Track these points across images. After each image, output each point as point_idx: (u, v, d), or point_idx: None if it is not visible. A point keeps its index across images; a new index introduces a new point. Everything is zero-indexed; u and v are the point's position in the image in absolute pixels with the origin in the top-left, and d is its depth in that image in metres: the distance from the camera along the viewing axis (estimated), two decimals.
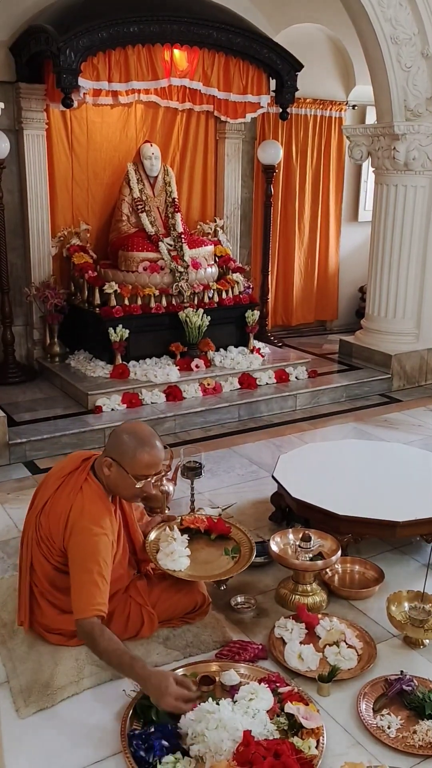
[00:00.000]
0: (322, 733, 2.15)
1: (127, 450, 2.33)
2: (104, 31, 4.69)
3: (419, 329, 6.13)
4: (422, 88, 5.61)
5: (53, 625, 2.51)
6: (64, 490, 2.41)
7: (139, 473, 2.35)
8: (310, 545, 2.85)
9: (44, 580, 2.48)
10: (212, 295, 5.65)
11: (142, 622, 2.57)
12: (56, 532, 2.37)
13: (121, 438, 2.36)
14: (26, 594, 2.50)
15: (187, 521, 2.94)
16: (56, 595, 2.48)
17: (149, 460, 2.35)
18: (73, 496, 2.35)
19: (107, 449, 2.39)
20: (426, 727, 2.21)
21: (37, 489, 2.56)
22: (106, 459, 2.36)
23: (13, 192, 5.52)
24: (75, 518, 2.32)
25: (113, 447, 2.36)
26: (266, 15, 6.27)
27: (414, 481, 3.45)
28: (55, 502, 2.40)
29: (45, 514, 2.42)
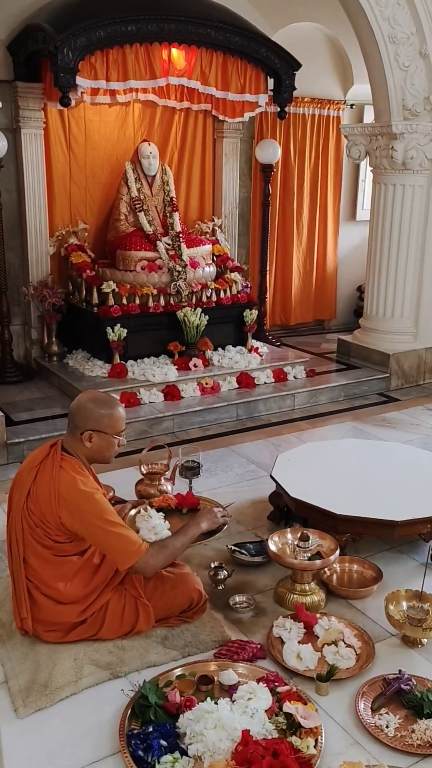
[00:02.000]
0: (321, 733, 2.15)
1: (103, 414, 2.50)
2: (102, 30, 4.69)
3: (417, 328, 6.14)
4: (420, 87, 5.62)
5: (51, 619, 2.51)
6: (43, 475, 2.47)
7: (118, 430, 2.56)
8: (308, 544, 2.85)
9: (40, 571, 2.49)
10: (210, 295, 5.65)
11: (137, 615, 2.57)
12: (48, 511, 2.43)
13: (89, 408, 2.50)
14: (24, 591, 2.50)
15: (156, 502, 3.05)
16: (53, 585, 2.49)
17: (121, 414, 2.58)
18: (56, 474, 2.44)
19: (80, 425, 2.50)
20: (424, 726, 2.21)
21: (12, 488, 2.59)
22: (86, 433, 2.49)
23: (11, 191, 5.52)
24: (67, 489, 2.42)
25: (86, 419, 2.49)
26: (264, 14, 6.27)
27: (412, 481, 3.45)
28: (39, 487, 2.46)
29: (32, 501, 2.47)
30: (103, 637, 2.55)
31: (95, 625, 2.54)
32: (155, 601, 2.61)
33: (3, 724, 2.25)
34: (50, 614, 2.50)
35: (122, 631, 2.56)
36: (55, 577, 2.49)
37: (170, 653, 2.55)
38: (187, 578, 2.72)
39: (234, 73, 5.48)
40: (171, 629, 2.65)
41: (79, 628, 2.53)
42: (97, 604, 2.54)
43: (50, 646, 2.53)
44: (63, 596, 2.49)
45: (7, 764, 2.11)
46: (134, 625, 2.58)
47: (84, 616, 2.53)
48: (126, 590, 2.59)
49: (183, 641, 2.60)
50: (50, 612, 2.50)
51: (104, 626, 2.54)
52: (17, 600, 2.53)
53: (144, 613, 2.58)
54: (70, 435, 2.53)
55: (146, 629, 2.60)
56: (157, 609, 2.61)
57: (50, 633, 2.53)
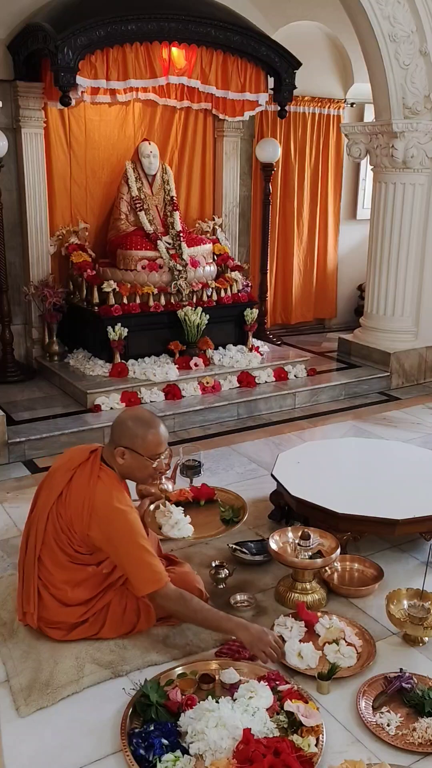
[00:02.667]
0: (322, 731, 2.15)
1: (138, 435, 2.44)
2: (102, 29, 4.69)
3: (418, 327, 6.14)
4: (420, 85, 5.61)
5: (55, 618, 2.52)
6: (79, 480, 2.45)
7: (153, 453, 2.48)
8: (309, 543, 2.85)
9: (53, 573, 2.50)
10: (211, 294, 5.65)
11: (138, 615, 2.58)
12: (78, 521, 2.42)
13: (127, 425, 2.46)
14: (34, 588, 2.51)
15: (173, 495, 3.04)
16: (62, 587, 2.50)
17: (159, 438, 2.48)
18: (93, 484, 2.42)
19: (115, 440, 2.48)
20: (425, 725, 2.22)
21: (42, 484, 2.59)
22: (119, 449, 2.45)
23: (12, 191, 5.52)
24: (102, 503, 2.39)
25: (122, 436, 2.46)
26: (264, 13, 6.26)
27: (413, 479, 3.45)
28: (73, 492, 2.45)
29: (63, 505, 2.46)
30: (105, 636, 2.56)
31: (97, 624, 2.55)
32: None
33: (4, 723, 2.26)
34: (54, 614, 2.52)
35: (123, 629, 2.57)
36: (65, 581, 2.50)
37: (171, 652, 2.55)
38: (187, 577, 2.73)
39: (234, 72, 5.47)
40: (172, 628, 2.66)
41: (80, 627, 2.54)
42: (99, 605, 2.55)
43: (51, 645, 2.53)
44: (69, 599, 2.50)
45: (9, 763, 2.11)
46: (135, 624, 2.58)
47: (86, 617, 2.54)
48: (128, 590, 2.59)
49: (184, 640, 2.61)
50: (55, 612, 2.52)
51: (106, 625, 2.55)
52: (25, 594, 2.54)
53: (145, 612, 2.59)
54: (107, 447, 2.53)
55: (146, 628, 2.60)
56: (158, 608, 2.61)
57: (53, 630, 2.54)
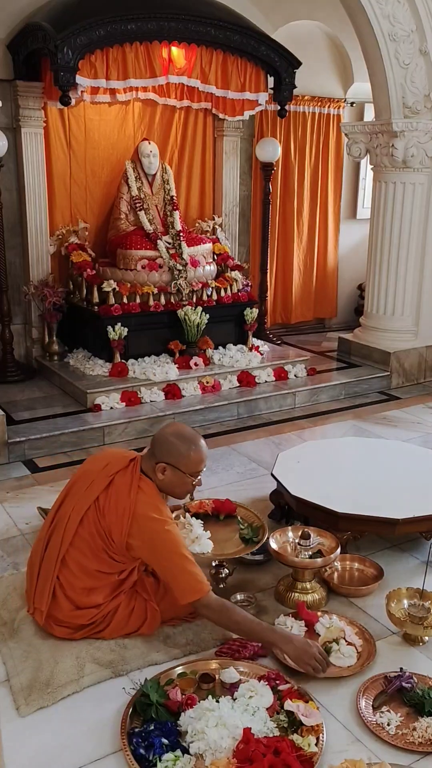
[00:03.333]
0: (322, 731, 2.15)
1: (181, 452, 2.47)
2: (102, 28, 4.68)
3: (418, 326, 6.14)
4: (420, 85, 5.61)
5: (64, 618, 2.53)
6: (119, 488, 2.46)
7: (194, 470, 2.52)
8: (309, 543, 2.85)
9: (78, 577, 2.49)
10: (211, 293, 5.65)
11: (144, 618, 2.58)
12: (117, 529, 2.43)
13: (170, 441, 2.49)
14: (50, 587, 2.49)
15: (193, 507, 3.04)
16: (80, 592, 2.50)
17: (201, 456, 2.52)
18: (134, 495, 2.43)
19: (158, 455, 2.49)
20: (425, 724, 2.21)
21: (74, 484, 2.57)
22: (160, 465, 2.48)
23: (11, 190, 5.52)
24: (143, 515, 2.41)
25: (165, 452, 2.48)
26: (264, 12, 6.26)
27: (413, 479, 3.45)
28: (112, 500, 2.45)
29: (101, 511, 2.45)
30: (107, 636, 2.56)
31: (102, 625, 2.56)
32: (165, 604, 2.62)
33: (5, 723, 2.26)
34: (66, 615, 2.52)
35: (126, 630, 2.57)
36: (83, 587, 2.51)
37: (172, 651, 2.55)
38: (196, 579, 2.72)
39: (234, 71, 5.47)
40: (173, 627, 2.66)
41: (87, 628, 2.55)
42: (109, 607, 2.55)
43: (52, 644, 2.53)
44: (84, 603, 2.51)
45: (9, 762, 2.11)
46: (139, 627, 2.58)
47: (95, 619, 2.54)
48: (137, 593, 2.60)
49: (184, 639, 2.61)
50: (67, 614, 2.52)
51: (110, 626, 2.55)
52: (39, 591, 2.53)
53: (152, 616, 2.59)
54: (149, 459, 2.52)
55: (149, 633, 2.60)
56: (165, 610, 2.62)
57: (61, 628, 2.55)
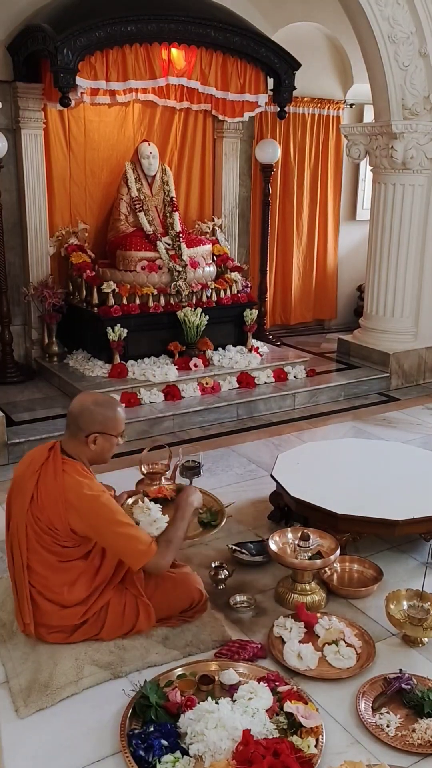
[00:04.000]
0: (322, 732, 2.15)
1: (108, 416, 2.50)
2: (102, 30, 4.69)
3: (417, 328, 6.14)
4: (420, 86, 5.62)
5: (54, 623, 2.51)
6: (46, 480, 2.45)
7: (121, 430, 2.56)
8: (308, 544, 2.85)
9: (45, 577, 2.48)
10: (210, 294, 5.65)
11: (137, 614, 2.57)
12: (56, 518, 2.42)
13: (94, 410, 2.49)
14: (27, 597, 2.49)
15: (152, 492, 3.02)
16: (59, 590, 2.48)
17: (123, 415, 2.58)
18: (60, 479, 2.43)
19: (85, 428, 2.47)
20: (425, 726, 2.21)
21: (11, 494, 2.56)
22: (91, 436, 2.48)
23: (11, 191, 5.52)
24: (74, 494, 2.41)
25: (91, 422, 2.47)
26: (264, 14, 6.26)
27: (413, 480, 3.45)
28: (43, 493, 2.44)
29: (37, 508, 2.44)
30: (105, 637, 2.56)
31: (97, 625, 2.55)
32: (156, 600, 2.62)
33: (4, 724, 2.25)
34: (54, 618, 2.50)
35: (123, 630, 2.57)
36: (60, 583, 2.49)
37: (171, 653, 2.55)
38: (187, 578, 2.74)
39: (234, 72, 5.48)
40: (172, 629, 2.66)
41: (81, 629, 2.53)
42: (98, 604, 2.54)
43: (51, 646, 2.53)
44: (67, 600, 2.49)
45: (8, 764, 2.11)
46: (135, 624, 2.58)
47: (86, 617, 2.53)
48: (126, 589, 2.59)
49: (184, 641, 2.61)
50: (54, 616, 2.50)
51: (105, 626, 2.55)
52: (20, 606, 2.52)
53: (144, 612, 2.58)
54: (71, 438, 2.51)
55: (147, 629, 2.60)
56: (158, 608, 2.61)
57: (54, 635, 2.53)
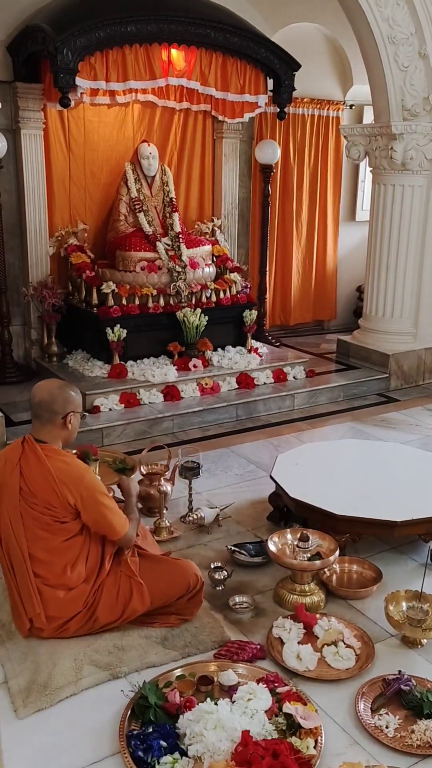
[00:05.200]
0: (321, 733, 2.15)
1: (73, 396, 2.66)
2: (101, 30, 4.69)
3: (416, 329, 6.14)
4: (419, 87, 5.62)
5: (57, 614, 2.53)
6: (30, 468, 2.53)
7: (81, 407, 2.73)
8: (308, 545, 2.85)
9: (49, 562, 2.52)
10: (210, 295, 5.65)
11: (131, 593, 2.59)
12: (52, 496, 2.51)
13: (61, 394, 2.62)
14: (33, 588, 2.51)
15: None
16: (63, 572, 2.53)
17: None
18: (45, 463, 2.52)
19: (60, 411, 2.59)
20: (424, 727, 2.22)
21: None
22: (67, 416, 2.61)
23: (11, 192, 5.52)
24: (63, 473, 2.53)
25: (64, 405, 2.61)
26: (264, 14, 6.27)
27: (412, 481, 3.45)
28: (31, 481, 2.52)
29: (30, 494, 2.52)
30: (102, 617, 2.56)
31: (93, 606, 2.57)
32: (152, 583, 2.63)
33: (3, 725, 2.25)
34: (57, 607, 2.53)
35: (117, 610, 2.58)
36: (63, 564, 2.54)
37: (170, 654, 2.55)
38: (183, 562, 2.79)
39: (233, 73, 5.48)
40: (171, 630, 2.66)
41: (78, 615, 2.55)
42: (97, 583, 2.58)
43: (50, 646, 2.53)
44: (71, 580, 2.54)
45: (7, 765, 2.11)
46: (128, 603, 2.59)
47: (87, 601, 2.55)
48: (121, 572, 2.64)
49: (183, 642, 2.61)
50: (57, 605, 2.52)
51: (99, 607, 2.56)
52: (24, 600, 2.53)
53: (138, 592, 2.60)
54: (46, 424, 2.60)
55: (141, 610, 2.61)
56: (154, 593, 2.63)
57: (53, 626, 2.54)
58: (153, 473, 3.61)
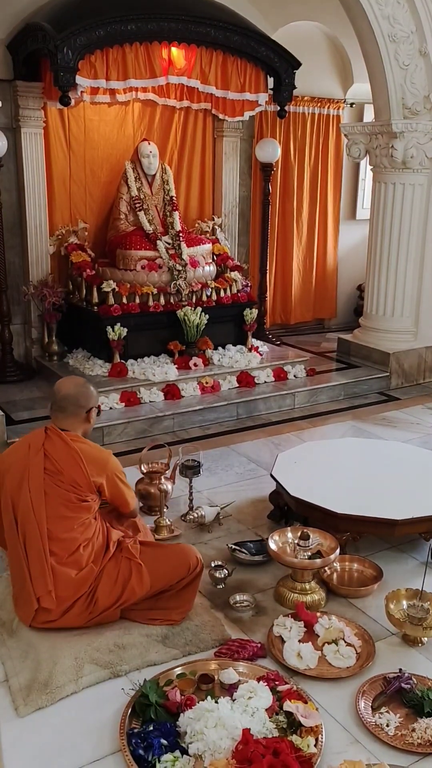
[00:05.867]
0: (321, 731, 2.15)
1: (93, 393, 2.85)
2: (102, 29, 4.68)
3: (417, 327, 6.14)
4: (420, 86, 5.61)
5: (70, 593, 2.57)
6: (57, 450, 2.67)
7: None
8: (308, 543, 2.85)
9: (68, 539, 2.60)
10: (210, 294, 5.65)
11: (130, 575, 2.64)
12: (79, 475, 2.65)
13: (84, 391, 2.80)
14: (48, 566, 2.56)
15: None
16: (75, 550, 2.60)
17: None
18: (70, 446, 2.67)
19: (84, 405, 2.77)
20: (424, 725, 2.22)
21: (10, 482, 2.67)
22: (91, 410, 2.80)
23: (11, 190, 5.52)
24: (92, 455, 2.71)
25: (87, 400, 2.79)
26: (264, 13, 6.26)
27: (412, 480, 3.45)
28: (58, 461, 2.65)
29: (56, 473, 2.64)
30: (102, 599, 2.59)
31: (93, 590, 2.60)
32: (153, 566, 2.67)
33: (3, 723, 2.25)
34: (67, 587, 2.57)
35: (116, 592, 2.61)
36: (78, 544, 2.62)
37: (171, 652, 2.55)
38: (183, 546, 2.85)
39: (234, 72, 5.47)
40: (171, 628, 2.67)
41: (82, 598, 2.58)
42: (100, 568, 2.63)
43: (51, 645, 2.53)
44: (83, 560, 2.61)
45: (8, 763, 2.11)
46: (126, 583, 2.62)
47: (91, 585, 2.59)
48: (122, 556, 2.69)
49: (183, 640, 2.61)
50: (67, 584, 2.57)
51: (99, 588, 2.60)
52: (35, 578, 2.57)
53: (137, 573, 2.65)
54: (69, 417, 2.74)
55: (140, 592, 2.63)
56: (155, 575, 2.66)
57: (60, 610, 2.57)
58: (153, 472, 3.61)
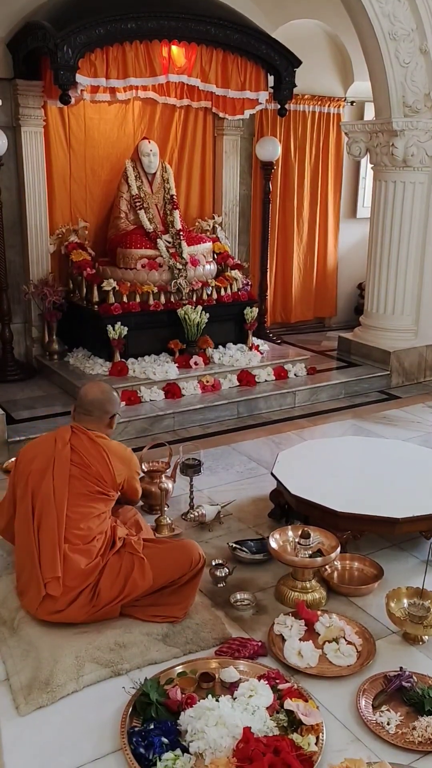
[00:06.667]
0: (322, 730, 2.15)
1: (117, 399, 2.97)
2: (102, 27, 4.68)
3: (418, 326, 6.13)
4: (420, 84, 5.61)
5: (77, 583, 2.59)
6: (82, 447, 2.78)
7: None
8: (309, 542, 2.85)
9: (84, 526, 2.67)
10: (211, 292, 5.65)
11: (132, 567, 2.66)
12: (104, 470, 2.78)
13: (109, 397, 2.94)
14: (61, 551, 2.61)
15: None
16: (90, 538, 2.68)
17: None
18: (99, 443, 2.81)
19: (109, 410, 2.90)
20: (425, 723, 2.22)
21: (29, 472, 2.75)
22: (114, 415, 2.94)
23: (11, 189, 5.51)
24: (117, 451, 2.87)
25: (112, 405, 2.92)
26: (264, 11, 6.25)
27: (413, 478, 3.45)
28: (86, 455, 2.77)
29: (84, 464, 2.75)
30: (105, 591, 2.61)
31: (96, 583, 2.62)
32: (156, 561, 2.69)
33: (4, 722, 2.26)
34: (75, 576, 2.59)
35: (118, 585, 2.63)
36: (94, 535, 2.69)
37: (171, 650, 2.55)
38: (186, 541, 2.88)
39: (234, 70, 5.47)
40: (172, 626, 2.67)
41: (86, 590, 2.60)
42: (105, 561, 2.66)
43: (51, 643, 2.54)
44: (93, 551, 2.67)
45: (8, 762, 2.11)
46: (128, 576, 2.64)
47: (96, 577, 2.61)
48: (125, 551, 2.72)
49: (184, 638, 2.61)
50: (76, 574, 2.60)
51: (102, 580, 2.62)
52: (45, 563, 2.60)
53: (139, 567, 2.67)
54: (95, 420, 2.88)
55: (143, 587, 2.65)
56: (158, 570, 2.67)
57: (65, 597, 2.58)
58: (154, 471, 3.62)
